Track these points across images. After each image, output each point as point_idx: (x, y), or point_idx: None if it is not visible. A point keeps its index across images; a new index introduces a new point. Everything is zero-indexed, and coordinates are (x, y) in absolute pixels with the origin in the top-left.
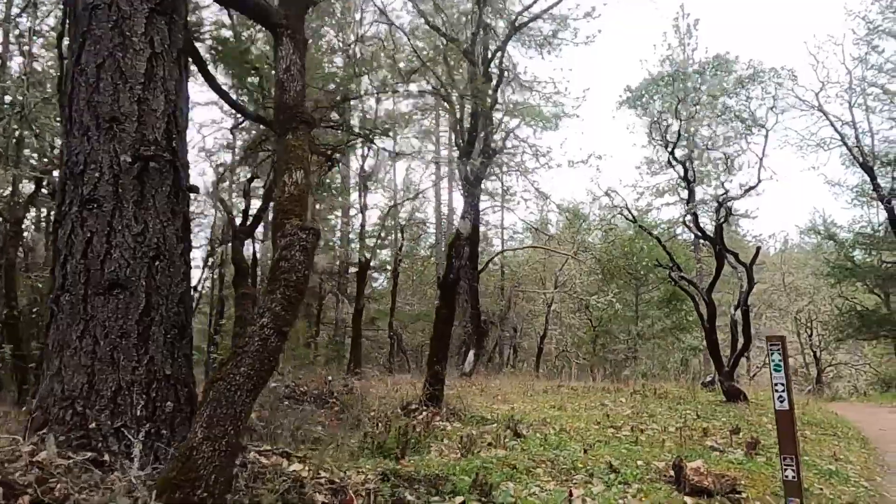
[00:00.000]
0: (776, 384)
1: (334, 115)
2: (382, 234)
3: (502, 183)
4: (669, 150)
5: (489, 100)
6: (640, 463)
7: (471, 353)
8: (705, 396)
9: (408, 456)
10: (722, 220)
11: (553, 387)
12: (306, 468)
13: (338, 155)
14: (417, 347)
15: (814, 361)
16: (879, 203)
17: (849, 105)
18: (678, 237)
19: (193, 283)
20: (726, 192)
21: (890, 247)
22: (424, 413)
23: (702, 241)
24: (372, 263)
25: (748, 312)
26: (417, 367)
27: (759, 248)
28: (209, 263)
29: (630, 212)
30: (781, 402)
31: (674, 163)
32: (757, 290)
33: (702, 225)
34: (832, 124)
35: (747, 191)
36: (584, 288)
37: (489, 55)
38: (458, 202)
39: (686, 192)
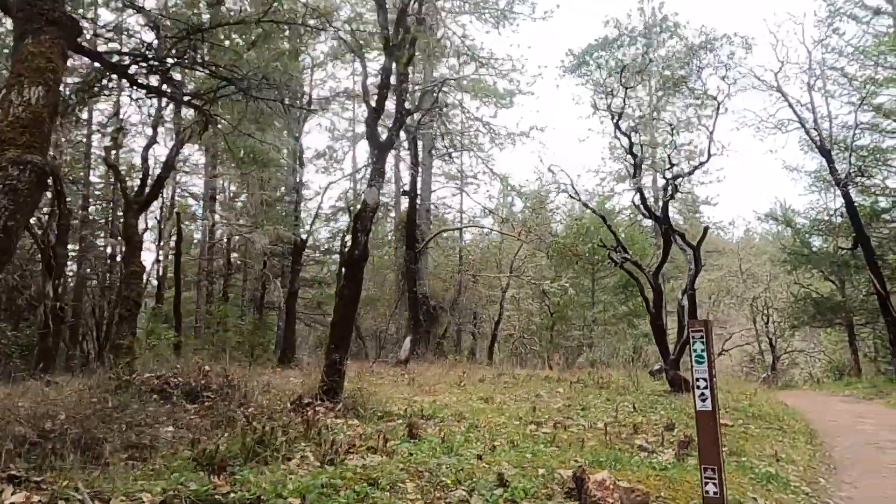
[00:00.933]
0: (698, 379)
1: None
2: (326, 214)
3: (461, 166)
4: (614, 120)
5: (405, 55)
6: (541, 472)
7: (407, 340)
8: (651, 386)
9: (244, 468)
10: (669, 197)
11: (495, 375)
12: (36, 498)
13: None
14: (377, 333)
15: (769, 349)
16: (836, 188)
17: (808, 87)
18: (640, 223)
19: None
20: (672, 165)
21: (846, 233)
22: (315, 408)
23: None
24: (319, 245)
25: (694, 297)
26: (381, 354)
27: (706, 229)
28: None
29: (574, 189)
30: (703, 400)
31: (619, 135)
32: (715, 277)
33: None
34: (790, 105)
35: (696, 167)
36: (538, 273)
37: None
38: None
39: (633, 167)
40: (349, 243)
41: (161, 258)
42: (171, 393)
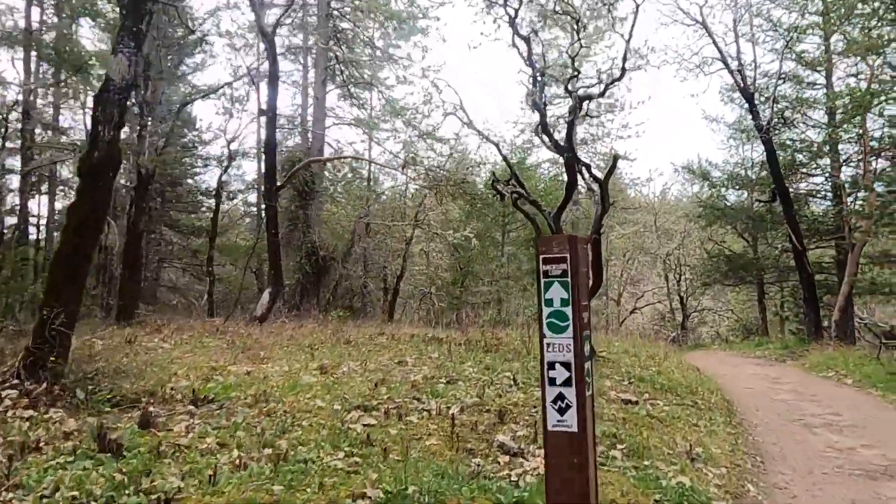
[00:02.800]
0: (552, 363)
1: None
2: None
3: (370, 112)
4: (510, 18)
5: None
6: None
7: (265, 294)
8: None
9: None
10: (573, 117)
11: (374, 334)
12: None
13: None
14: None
15: (680, 307)
16: (755, 142)
17: (733, 24)
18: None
19: None
20: (577, 72)
21: (762, 187)
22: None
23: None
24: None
25: (599, 242)
26: (241, 310)
27: (616, 158)
28: None
29: (465, 112)
30: (561, 410)
31: (517, 41)
32: (629, 232)
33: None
34: (714, 42)
35: (609, 85)
36: (445, 225)
37: None
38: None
39: (531, 80)
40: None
41: None
42: None
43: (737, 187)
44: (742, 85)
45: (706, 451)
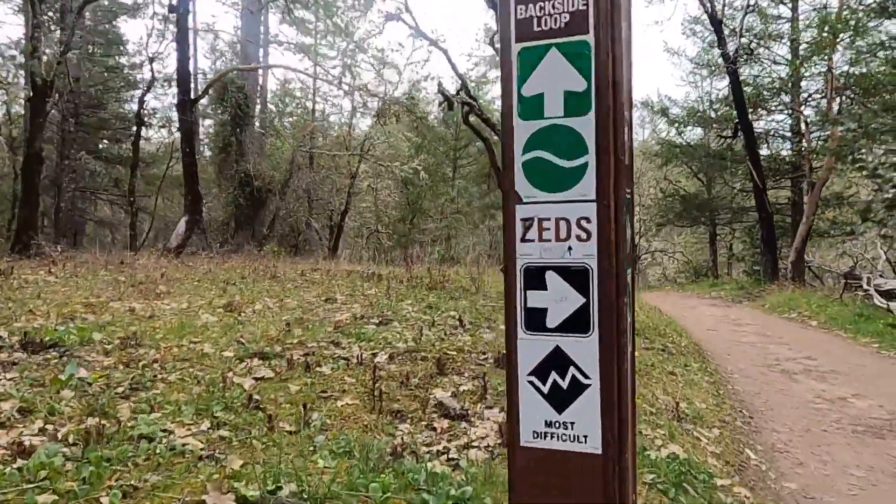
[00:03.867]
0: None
1: None
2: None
3: (315, 42)
4: None
5: None
6: None
7: (181, 223)
8: (501, 287)
9: None
10: None
11: (308, 270)
12: None
13: None
14: (216, 224)
15: (633, 248)
16: (717, 76)
17: None
18: None
19: None
20: None
21: (723, 125)
22: None
23: None
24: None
25: None
26: (158, 238)
27: None
28: None
29: (412, 15)
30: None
31: None
32: None
33: None
34: None
35: None
36: (388, 155)
37: None
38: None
39: None
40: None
41: None
42: None
43: (696, 124)
44: (710, 10)
45: (692, 407)
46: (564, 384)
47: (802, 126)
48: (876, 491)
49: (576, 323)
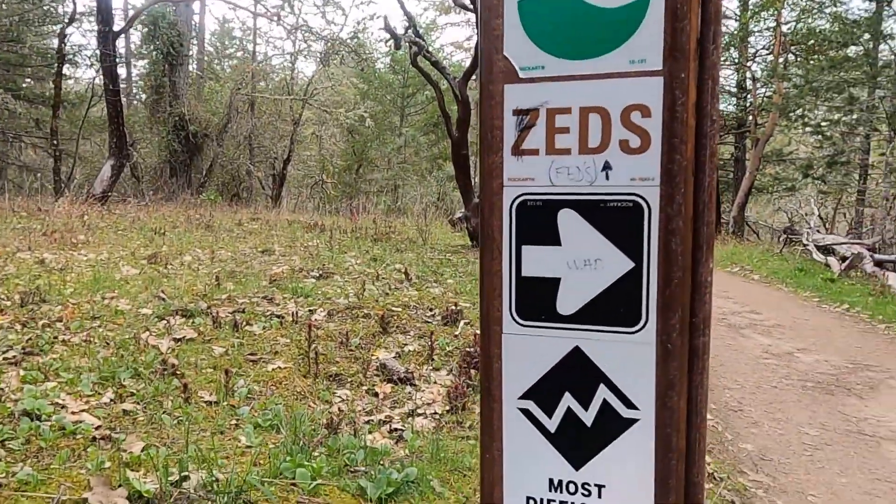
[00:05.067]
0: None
1: None
2: None
3: None
4: None
5: None
6: None
7: (105, 167)
8: (448, 239)
9: None
10: None
11: (244, 220)
12: None
13: None
14: (149, 170)
15: None
16: None
17: None
18: None
19: None
20: None
21: None
22: None
23: None
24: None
25: None
26: (85, 186)
27: None
28: None
29: None
30: None
31: None
32: None
33: None
34: None
35: None
36: (333, 102)
37: None
38: None
39: None
40: None
41: None
42: None
43: None
44: None
45: None
46: (588, 417)
47: (749, 82)
48: (830, 450)
49: (614, 307)
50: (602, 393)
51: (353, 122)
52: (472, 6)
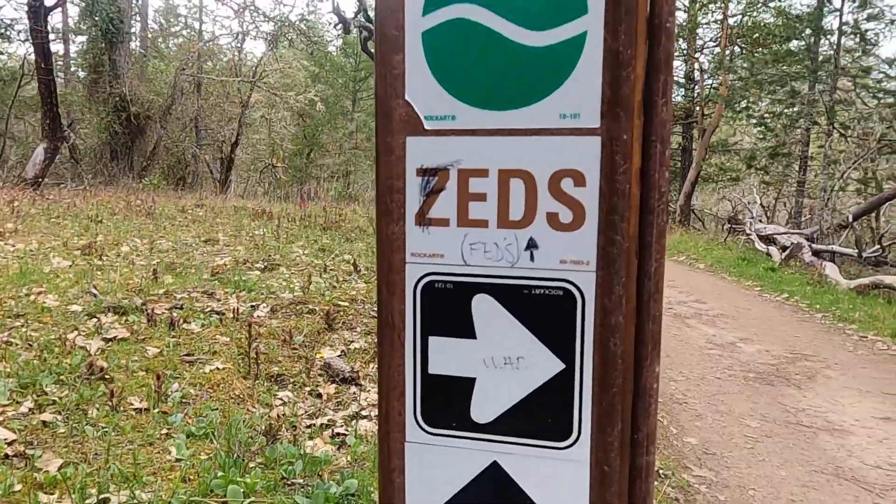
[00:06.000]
0: None
1: None
2: None
3: None
4: None
5: None
6: None
7: (39, 150)
8: None
9: None
10: None
11: (188, 206)
12: None
13: None
14: (88, 153)
15: None
16: None
17: None
18: None
19: None
20: None
21: None
22: None
23: None
24: None
25: None
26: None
27: None
28: None
29: None
30: None
31: None
32: None
33: None
34: None
35: None
36: (283, 84)
37: None
38: None
39: None
40: None
41: None
42: None
43: None
44: None
45: None
46: None
47: (696, 73)
48: (770, 443)
49: (540, 417)
50: None
51: (304, 105)
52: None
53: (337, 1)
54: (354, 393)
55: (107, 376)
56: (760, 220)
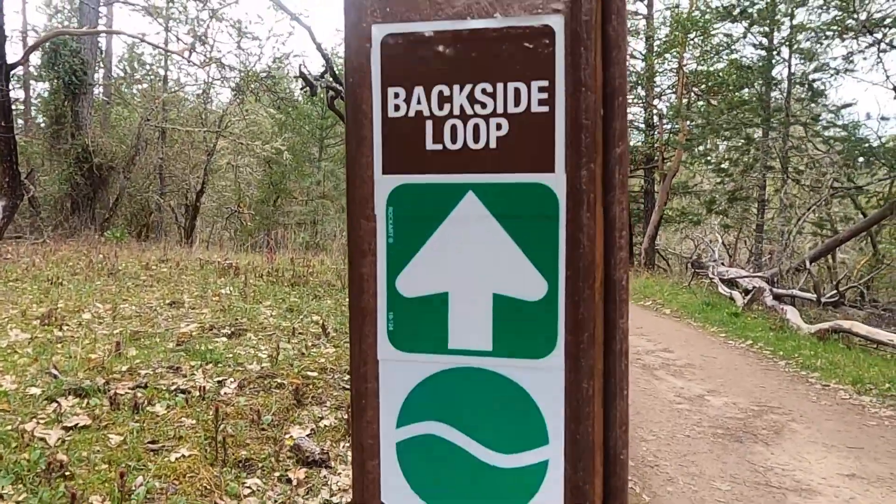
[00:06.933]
0: None
1: None
2: None
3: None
4: None
5: None
6: None
7: None
8: None
9: None
10: None
11: (153, 262)
12: None
13: None
14: (49, 205)
15: None
16: None
17: None
18: None
19: None
20: None
21: None
22: None
23: None
24: None
25: None
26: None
27: None
28: None
29: None
30: None
31: None
32: None
33: None
34: None
35: None
36: (249, 132)
37: None
38: None
39: None
40: None
41: None
42: None
43: None
44: None
45: None
46: None
47: (656, 119)
48: None
49: None
50: None
51: (271, 153)
52: None
53: (303, 64)
54: (325, 476)
55: (67, 472)
56: (722, 263)
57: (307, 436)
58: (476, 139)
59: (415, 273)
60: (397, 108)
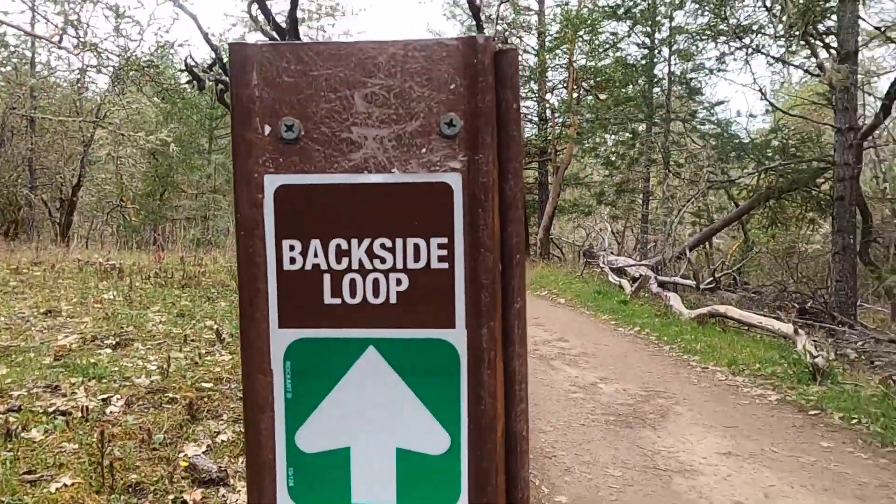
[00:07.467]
0: None
1: None
2: None
3: None
4: None
5: None
6: None
7: None
8: None
9: None
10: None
11: (24, 265)
12: None
13: None
14: None
15: None
16: None
17: None
18: None
19: None
20: None
21: None
22: None
23: None
24: None
25: None
26: None
27: None
28: None
29: None
30: None
31: None
32: None
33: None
34: None
35: None
36: (131, 121)
37: None
38: None
39: None
40: None
41: None
42: None
43: None
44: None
45: None
46: None
47: (548, 113)
48: (632, 491)
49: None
50: None
51: (155, 145)
52: (269, 24)
53: (189, 56)
54: (224, 495)
55: None
56: (612, 252)
57: (203, 453)
58: (376, 294)
59: (315, 428)
60: (293, 260)
